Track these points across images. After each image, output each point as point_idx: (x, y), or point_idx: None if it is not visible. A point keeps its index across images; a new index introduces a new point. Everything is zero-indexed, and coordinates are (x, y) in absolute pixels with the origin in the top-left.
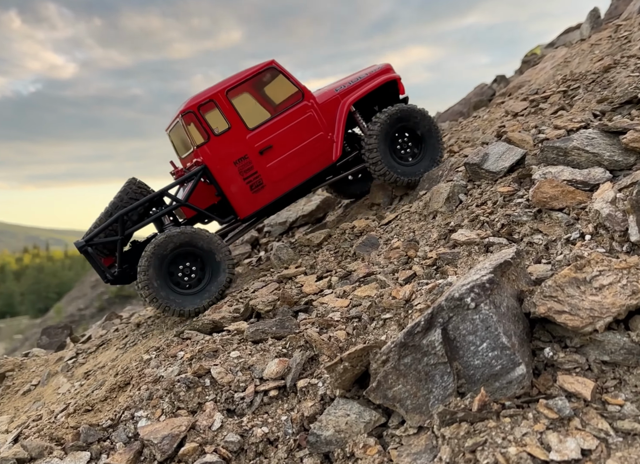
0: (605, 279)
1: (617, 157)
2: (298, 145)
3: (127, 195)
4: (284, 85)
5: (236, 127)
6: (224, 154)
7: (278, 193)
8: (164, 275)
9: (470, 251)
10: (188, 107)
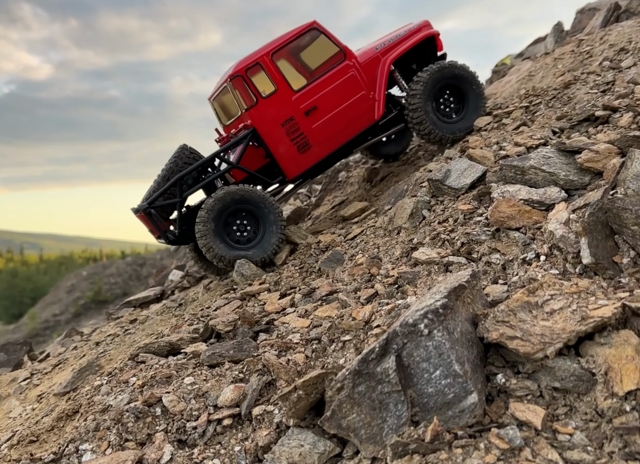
0: (556, 304)
1: (573, 177)
2: (342, 105)
3: (182, 160)
4: (326, 46)
5: (282, 89)
6: (271, 116)
7: (324, 153)
8: (221, 228)
9: (430, 271)
10: (236, 71)
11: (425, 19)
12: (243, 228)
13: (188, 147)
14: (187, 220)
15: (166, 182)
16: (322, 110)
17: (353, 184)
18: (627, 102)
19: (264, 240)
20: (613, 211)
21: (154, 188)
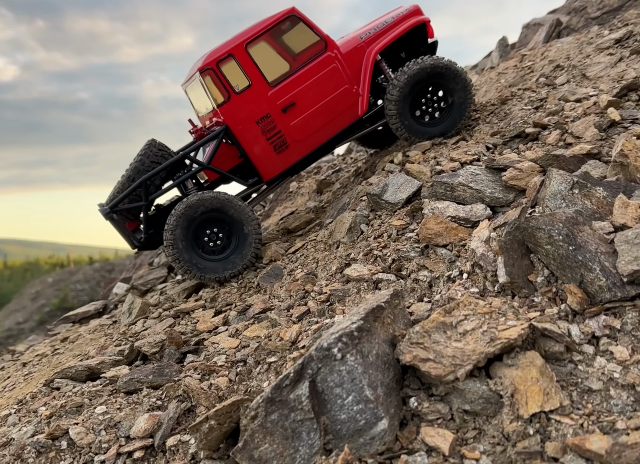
0: (469, 324)
1: (498, 194)
2: (322, 100)
3: (149, 158)
4: (305, 35)
5: (257, 83)
6: (245, 114)
7: (303, 153)
8: (191, 237)
9: (359, 288)
10: (206, 64)
11: (416, 4)
12: (215, 237)
13: (156, 144)
14: (157, 222)
15: (131, 182)
16: (300, 107)
17: (304, 195)
18: (556, 119)
19: (236, 253)
20: (528, 230)
21: (118, 189)
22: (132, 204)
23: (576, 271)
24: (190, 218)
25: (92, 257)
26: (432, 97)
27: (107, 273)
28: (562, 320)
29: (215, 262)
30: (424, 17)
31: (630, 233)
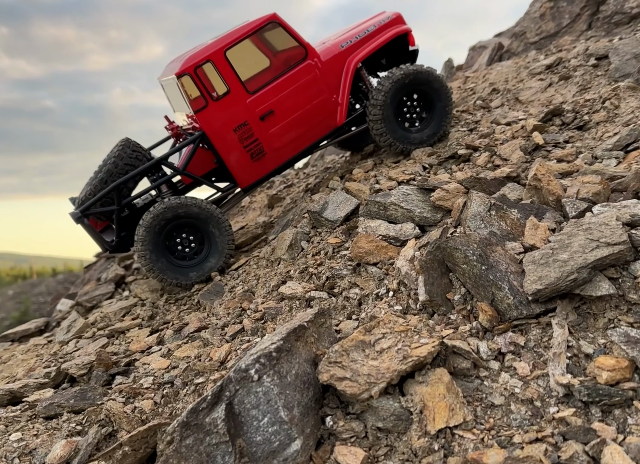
0: (386, 343)
1: (427, 214)
2: (301, 109)
3: (122, 161)
4: (285, 42)
5: (235, 90)
6: (223, 121)
7: (280, 161)
8: (162, 246)
9: (292, 306)
10: (184, 69)
11: (397, 12)
12: (187, 243)
13: (131, 144)
14: (130, 223)
15: (103, 184)
16: (279, 115)
17: (255, 210)
18: (487, 142)
19: (209, 257)
20: (447, 250)
21: (90, 191)
22: (104, 208)
23: (488, 290)
24: (158, 227)
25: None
26: (414, 104)
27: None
28: (473, 337)
29: (189, 268)
30: (406, 26)
31: (537, 254)
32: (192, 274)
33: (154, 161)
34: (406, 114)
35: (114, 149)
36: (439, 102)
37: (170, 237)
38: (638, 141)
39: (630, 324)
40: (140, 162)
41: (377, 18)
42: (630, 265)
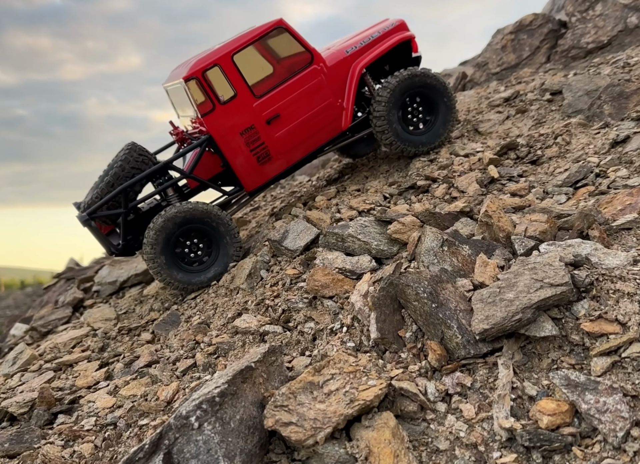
0: (334, 384)
1: (383, 247)
2: (306, 113)
3: (129, 164)
4: (292, 47)
5: (242, 94)
6: (230, 125)
7: (285, 165)
8: (171, 250)
9: (245, 341)
10: (192, 73)
11: (401, 19)
12: (195, 248)
13: (137, 148)
14: (136, 227)
15: (110, 188)
16: (285, 119)
17: None
18: (445, 173)
19: (217, 263)
20: (399, 286)
21: (96, 194)
22: (111, 211)
23: (438, 328)
24: (169, 231)
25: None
26: (418, 107)
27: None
28: (422, 377)
29: (196, 273)
30: (410, 33)
31: (485, 292)
32: (198, 278)
33: (161, 164)
34: (410, 117)
35: (119, 153)
36: (442, 104)
37: (178, 241)
38: (587, 178)
39: (572, 365)
40: (146, 166)
41: (380, 25)
42: (573, 305)
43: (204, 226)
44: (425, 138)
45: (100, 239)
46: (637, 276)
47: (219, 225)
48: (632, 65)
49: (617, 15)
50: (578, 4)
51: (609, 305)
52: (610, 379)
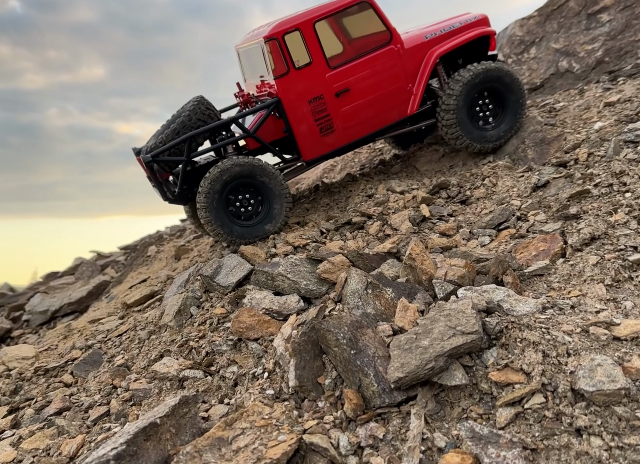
0: (244, 440)
1: (312, 286)
2: (376, 92)
3: (196, 115)
4: (372, 24)
5: (317, 63)
6: (300, 91)
7: (346, 140)
8: (223, 201)
9: (161, 388)
10: (273, 33)
11: (484, 14)
12: (246, 203)
13: (205, 102)
14: (191, 179)
15: (175, 135)
16: (354, 94)
17: (162, 260)
18: (380, 210)
19: (267, 218)
20: (320, 331)
21: (161, 140)
22: (172, 157)
23: (356, 375)
24: (223, 182)
25: None
26: (488, 102)
27: None
28: (337, 428)
29: (246, 227)
30: (491, 29)
31: (403, 338)
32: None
33: (227, 119)
34: (479, 112)
35: (187, 104)
36: (513, 100)
37: (231, 195)
38: (509, 221)
39: (480, 415)
40: (211, 120)
41: (462, 17)
42: (484, 353)
43: (257, 182)
44: (493, 134)
45: (158, 184)
46: (543, 325)
47: (272, 183)
48: (557, 110)
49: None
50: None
51: (515, 354)
52: (511, 433)
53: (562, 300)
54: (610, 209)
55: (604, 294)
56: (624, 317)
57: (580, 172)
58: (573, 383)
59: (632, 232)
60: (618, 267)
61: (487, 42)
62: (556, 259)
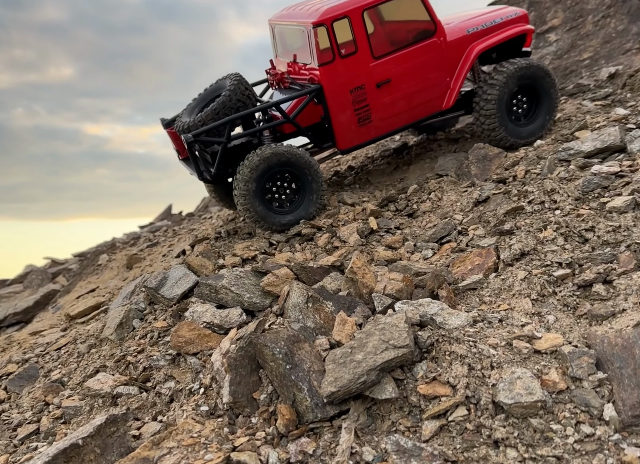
0: (170, 460)
1: (256, 299)
2: (416, 85)
3: (236, 96)
4: (417, 14)
5: (362, 52)
6: (343, 79)
7: (382, 131)
8: (261, 189)
9: (93, 406)
10: (322, 20)
11: (524, 10)
12: (282, 190)
13: (244, 82)
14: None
15: (215, 115)
16: (394, 86)
17: (113, 270)
18: (330, 222)
19: (302, 206)
20: (258, 346)
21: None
22: (212, 138)
23: (290, 390)
24: (263, 170)
25: None
26: (523, 97)
27: None
28: (268, 444)
29: (282, 214)
30: (530, 27)
31: (339, 352)
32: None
33: (270, 103)
34: (514, 107)
35: (225, 81)
36: (548, 96)
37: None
38: (450, 235)
39: (408, 428)
40: (250, 100)
41: (502, 11)
42: (415, 366)
43: (295, 170)
44: (526, 130)
45: (197, 162)
46: (471, 338)
47: (309, 171)
48: None
49: None
50: None
51: (443, 367)
52: (433, 446)
53: (491, 314)
54: (541, 226)
55: (529, 308)
56: (545, 331)
57: (516, 189)
58: (494, 395)
59: (558, 248)
60: (544, 282)
61: (523, 38)
62: (489, 274)
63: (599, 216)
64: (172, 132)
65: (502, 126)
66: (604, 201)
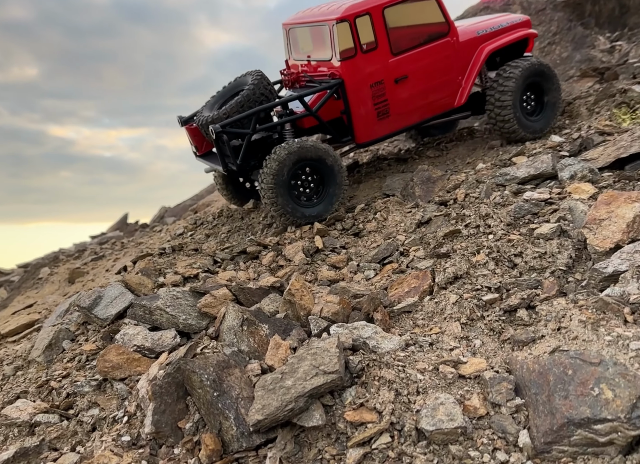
0: None
1: (192, 321)
2: (431, 82)
3: (259, 90)
4: (433, 14)
5: (382, 48)
6: (364, 74)
7: (398, 126)
8: (287, 183)
9: (7, 435)
10: (345, 16)
11: (527, 16)
12: (307, 184)
13: (266, 77)
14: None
15: (240, 107)
16: (411, 82)
17: (54, 283)
18: (277, 240)
19: (326, 200)
20: (186, 372)
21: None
22: (238, 130)
23: (217, 419)
24: (290, 164)
25: None
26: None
27: None
28: None
29: (306, 208)
30: (534, 31)
31: (269, 378)
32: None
33: (294, 96)
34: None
35: (245, 78)
36: (552, 93)
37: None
38: (392, 256)
39: (333, 456)
40: (271, 95)
41: (507, 16)
42: (344, 392)
43: (321, 165)
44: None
45: (223, 153)
46: (400, 363)
47: (333, 165)
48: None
49: None
50: None
51: (371, 393)
52: None
53: (423, 337)
54: (474, 250)
55: (459, 332)
56: (471, 355)
57: (455, 212)
58: (417, 421)
59: (489, 272)
60: (473, 306)
61: (526, 42)
62: (424, 297)
63: (527, 242)
64: (190, 128)
65: (515, 118)
66: (533, 227)
